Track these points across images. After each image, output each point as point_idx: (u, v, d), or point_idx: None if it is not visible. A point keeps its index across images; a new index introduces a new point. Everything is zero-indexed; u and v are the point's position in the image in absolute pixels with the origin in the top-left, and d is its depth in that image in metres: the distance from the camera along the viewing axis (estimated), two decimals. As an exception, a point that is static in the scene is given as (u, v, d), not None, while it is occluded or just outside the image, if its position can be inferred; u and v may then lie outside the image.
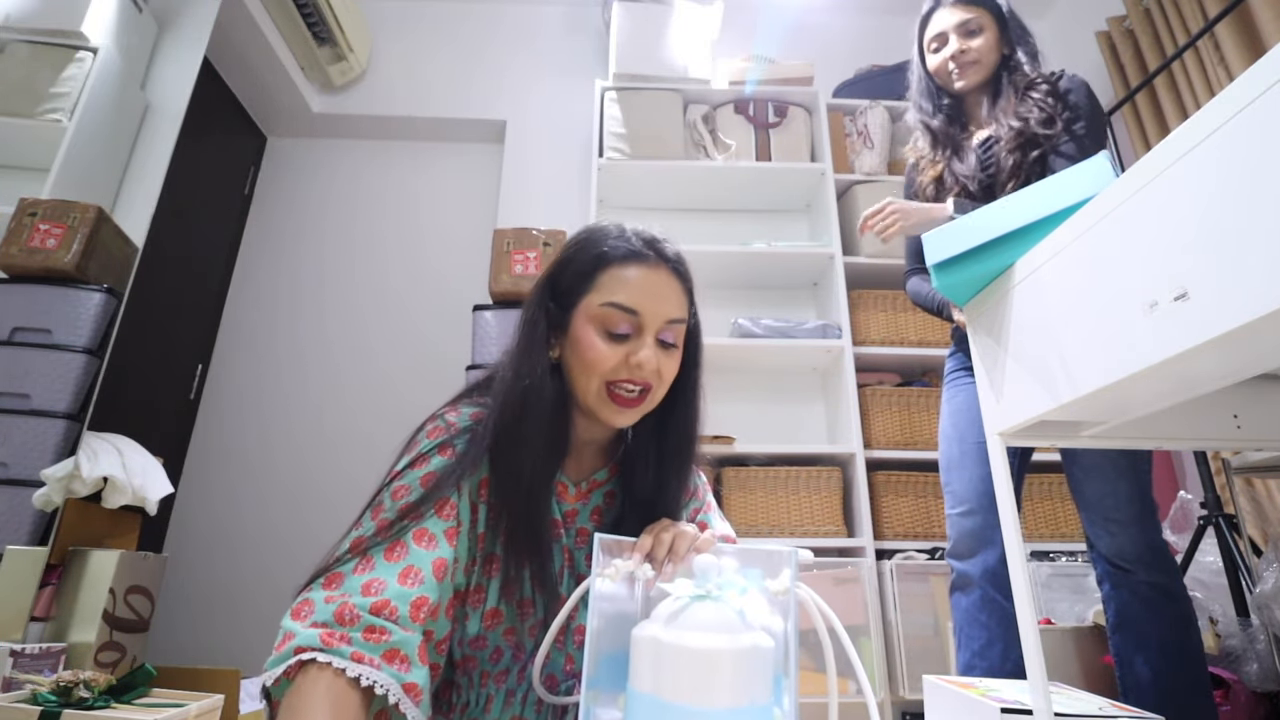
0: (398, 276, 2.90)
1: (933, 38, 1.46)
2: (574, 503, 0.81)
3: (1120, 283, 0.69)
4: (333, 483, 2.53)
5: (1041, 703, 0.84)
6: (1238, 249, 0.55)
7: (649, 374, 0.74)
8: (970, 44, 1.41)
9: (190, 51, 2.20)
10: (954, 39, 1.42)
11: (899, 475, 2.22)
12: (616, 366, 0.73)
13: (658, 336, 0.75)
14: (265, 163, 3.07)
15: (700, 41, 2.72)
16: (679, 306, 0.77)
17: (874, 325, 2.41)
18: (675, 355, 0.77)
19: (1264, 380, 0.88)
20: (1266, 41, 1.98)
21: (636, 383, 0.74)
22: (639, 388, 0.74)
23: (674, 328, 0.76)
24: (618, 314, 0.73)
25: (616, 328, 0.74)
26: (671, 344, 0.76)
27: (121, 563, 1.58)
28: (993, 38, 1.42)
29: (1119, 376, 0.69)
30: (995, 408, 0.94)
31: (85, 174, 1.92)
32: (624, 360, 0.73)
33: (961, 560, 1.38)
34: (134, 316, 1.88)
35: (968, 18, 1.42)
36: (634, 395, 0.74)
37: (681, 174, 2.59)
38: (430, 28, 3.13)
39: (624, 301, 0.73)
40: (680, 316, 0.76)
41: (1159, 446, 0.96)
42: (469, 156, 3.09)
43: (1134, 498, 1.24)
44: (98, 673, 1.26)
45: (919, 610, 1.96)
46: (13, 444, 1.59)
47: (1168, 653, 1.18)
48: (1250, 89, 0.55)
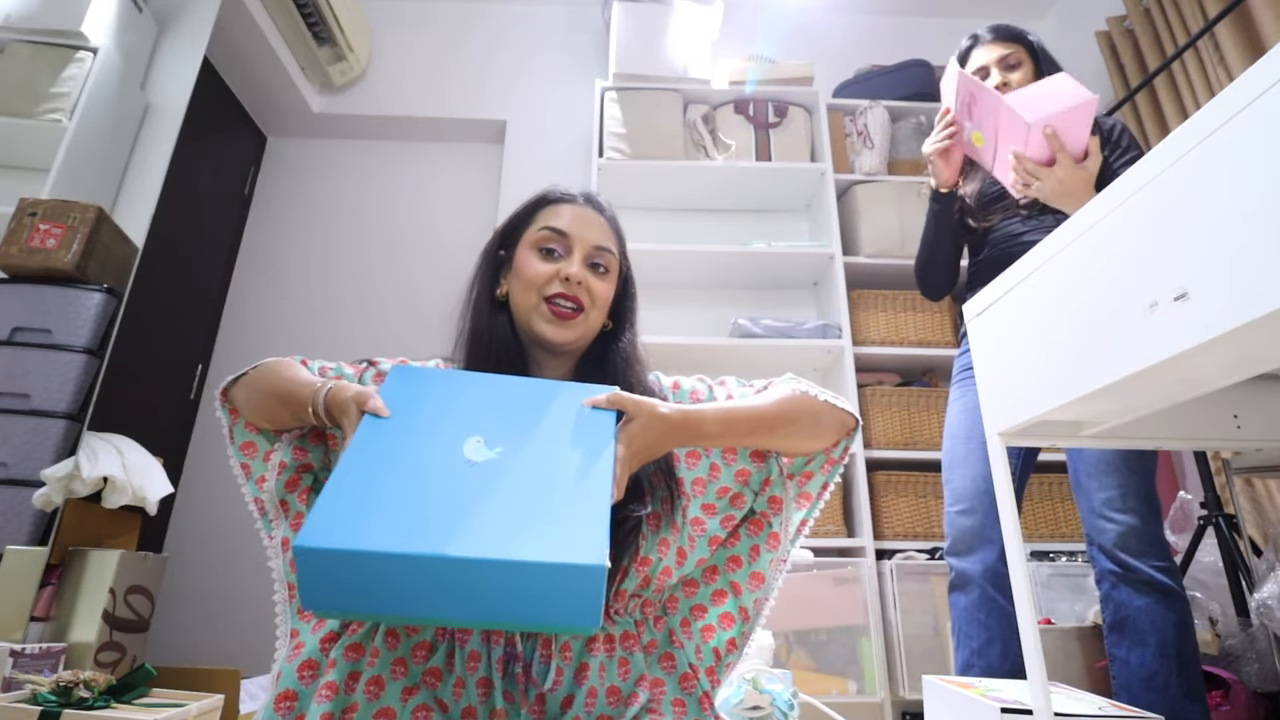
0: (398, 276, 2.90)
1: (974, 71, 1.51)
2: None
3: (1120, 283, 0.69)
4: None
5: (1041, 703, 0.84)
6: (1238, 249, 0.55)
7: (579, 289, 0.83)
8: (1010, 77, 1.47)
9: (190, 51, 2.20)
10: (995, 72, 1.48)
11: (899, 475, 2.22)
12: (550, 280, 0.83)
13: (588, 260, 0.85)
14: (265, 163, 3.06)
15: (700, 41, 2.72)
16: (606, 238, 0.87)
17: (874, 325, 2.41)
18: (607, 280, 0.87)
19: (1264, 380, 0.88)
20: (1266, 41, 1.98)
21: (568, 297, 0.83)
22: (572, 303, 0.83)
23: (603, 255, 0.86)
24: (551, 235, 0.85)
25: (550, 245, 0.85)
26: (603, 269, 0.86)
27: (121, 563, 1.58)
28: (1029, 72, 1.48)
29: (1119, 376, 0.69)
30: (995, 407, 0.95)
31: (85, 174, 1.92)
32: (556, 274, 0.83)
33: (960, 558, 1.38)
34: (134, 316, 1.88)
35: (1007, 53, 1.48)
36: (570, 310, 0.83)
37: (681, 174, 2.59)
38: (430, 28, 3.13)
39: (555, 224, 0.85)
40: (607, 246, 0.87)
41: (1159, 446, 0.96)
42: (469, 156, 3.09)
43: (1141, 493, 1.24)
44: (98, 673, 1.26)
45: (919, 610, 1.96)
46: (13, 444, 1.59)
47: (1166, 653, 1.18)
48: (1250, 89, 0.55)
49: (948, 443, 1.47)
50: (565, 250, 0.85)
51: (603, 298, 0.86)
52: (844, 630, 1.93)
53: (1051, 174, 1.25)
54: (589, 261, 0.85)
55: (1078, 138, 1.25)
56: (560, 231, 0.85)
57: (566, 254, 0.85)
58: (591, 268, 0.85)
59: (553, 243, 0.85)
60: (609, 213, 0.91)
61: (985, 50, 1.51)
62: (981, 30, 1.54)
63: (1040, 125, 1.23)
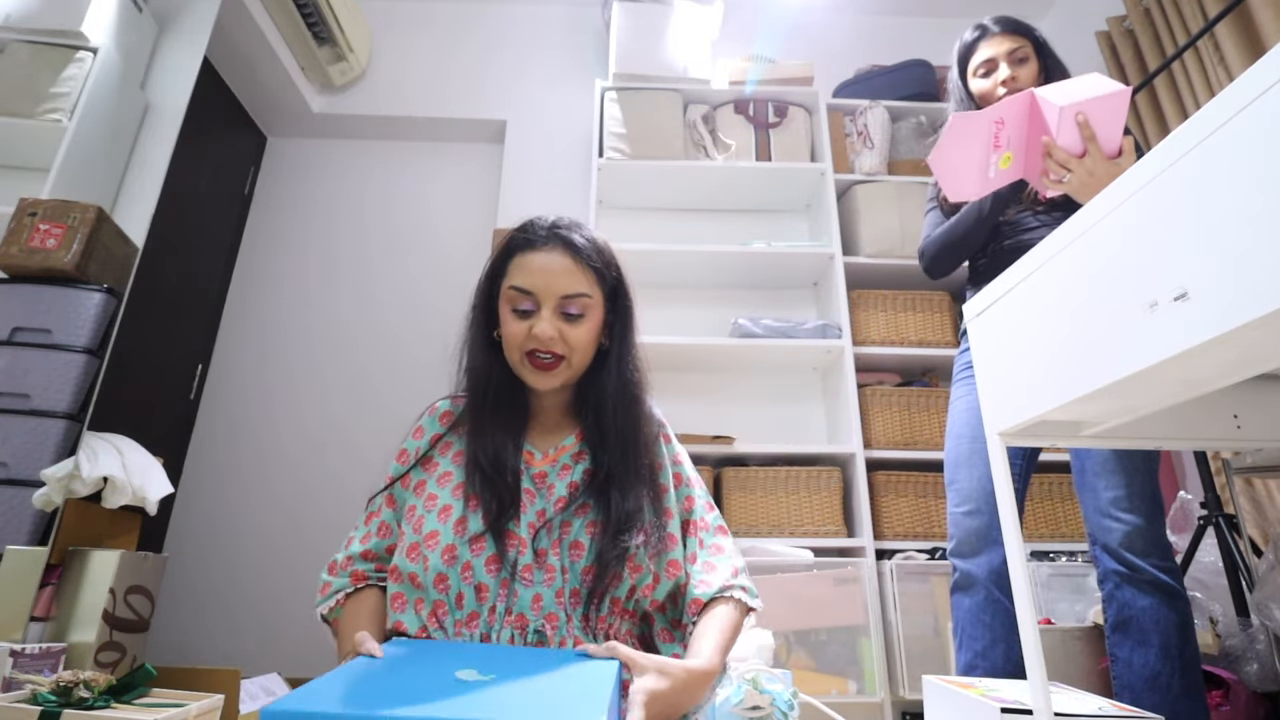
0: (398, 276, 2.90)
1: (981, 63, 1.49)
2: (542, 465, 0.90)
3: (1120, 283, 0.69)
4: (333, 482, 2.53)
5: (1041, 703, 0.84)
6: (1238, 249, 0.55)
7: (551, 342, 0.86)
8: (1019, 71, 1.45)
9: (190, 51, 2.19)
10: (1004, 65, 1.46)
11: (899, 475, 2.22)
12: (524, 338, 0.87)
13: (559, 310, 0.87)
14: (265, 163, 3.06)
15: (700, 41, 2.72)
16: (576, 283, 0.88)
17: (874, 325, 2.41)
18: (583, 324, 0.88)
19: (1264, 380, 0.88)
20: (1266, 41, 1.98)
21: (545, 351, 0.86)
22: (549, 354, 0.87)
23: (573, 301, 0.87)
24: (518, 294, 0.88)
25: (520, 305, 0.88)
26: (576, 314, 0.87)
27: (121, 563, 1.58)
28: (1036, 67, 1.46)
29: (1119, 376, 0.69)
30: (995, 407, 0.94)
31: (85, 174, 1.92)
32: (528, 333, 0.86)
33: (965, 559, 1.38)
34: (134, 316, 1.88)
35: (1015, 46, 1.46)
36: (549, 361, 0.87)
37: (681, 174, 2.59)
38: (430, 28, 3.13)
39: (520, 283, 0.87)
40: (577, 291, 0.87)
41: (1159, 446, 0.96)
42: (469, 156, 3.09)
43: (1147, 493, 1.24)
44: (98, 673, 1.26)
45: (919, 610, 1.96)
46: (13, 444, 1.59)
47: (1170, 654, 1.17)
48: (1250, 89, 0.55)
49: (951, 442, 1.46)
50: (535, 306, 0.87)
51: (580, 342, 0.88)
52: (844, 630, 1.93)
53: (1082, 165, 1.21)
54: (560, 311, 0.87)
55: (1110, 133, 1.21)
56: (526, 291, 0.87)
57: (536, 309, 0.87)
58: (564, 316, 0.87)
59: (522, 302, 0.87)
60: (580, 243, 0.90)
61: (994, 43, 1.47)
62: (988, 21, 1.50)
63: (1072, 111, 1.19)
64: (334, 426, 2.67)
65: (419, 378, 2.69)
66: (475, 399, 0.91)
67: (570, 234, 0.90)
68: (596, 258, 0.90)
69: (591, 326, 0.89)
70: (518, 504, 0.83)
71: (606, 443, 0.88)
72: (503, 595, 0.79)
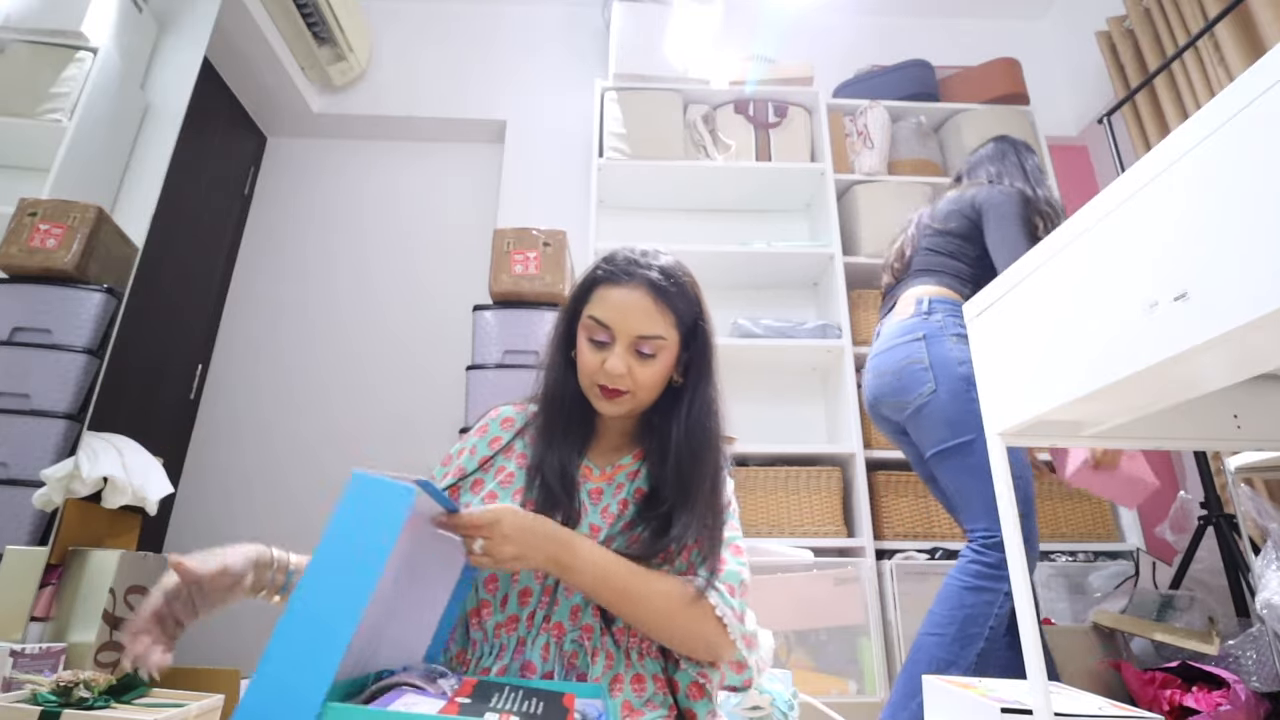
0: (398, 276, 2.90)
1: None
2: (598, 482, 0.91)
3: (1120, 283, 0.69)
4: (333, 482, 2.52)
5: (1041, 703, 0.84)
6: (1238, 249, 0.55)
7: (619, 380, 0.87)
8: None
9: (190, 51, 2.20)
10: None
11: (899, 475, 2.22)
12: (595, 370, 0.88)
13: (633, 348, 0.87)
14: (265, 163, 3.06)
15: (700, 41, 2.72)
16: (653, 325, 0.88)
17: (874, 325, 2.41)
18: (653, 364, 0.89)
19: (1264, 380, 0.88)
20: (1266, 41, 1.98)
21: (613, 385, 0.87)
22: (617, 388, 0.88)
23: (647, 342, 0.88)
24: (595, 325, 0.89)
25: (596, 336, 0.89)
26: (649, 355, 0.88)
27: (121, 563, 1.58)
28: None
29: (1119, 376, 0.69)
30: (995, 407, 0.94)
31: (85, 174, 1.92)
32: (600, 366, 0.87)
33: None
34: (134, 316, 1.88)
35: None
36: (616, 392, 0.88)
37: (681, 174, 2.59)
38: (430, 28, 3.13)
39: (599, 316, 0.88)
40: (652, 333, 0.87)
41: (1159, 446, 0.96)
42: (469, 156, 3.09)
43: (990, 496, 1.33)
44: (98, 673, 1.26)
45: (919, 610, 1.95)
46: (13, 444, 1.59)
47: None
48: (1250, 89, 0.55)
49: None
50: (610, 339, 0.88)
51: (648, 381, 0.89)
52: (844, 630, 1.93)
53: None
54: (633, 350, 0.88)
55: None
56: (603, 324, 0.88)
57: (611, 342, 0.88)
58: (637, 354, 0.88)
59: (598, 333, 0.89)
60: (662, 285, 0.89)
61: None
62: None
63: None
64: (333, 426, 2.67)
65: (419, 378, 2.70)
66: (548, 411, 0.94)
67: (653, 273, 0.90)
68: (678, 298, 0.90)
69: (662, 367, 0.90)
70: (577, 517, 0.85)
71: (666, 477, 0.88)
72: (544, 602, 0.81)
